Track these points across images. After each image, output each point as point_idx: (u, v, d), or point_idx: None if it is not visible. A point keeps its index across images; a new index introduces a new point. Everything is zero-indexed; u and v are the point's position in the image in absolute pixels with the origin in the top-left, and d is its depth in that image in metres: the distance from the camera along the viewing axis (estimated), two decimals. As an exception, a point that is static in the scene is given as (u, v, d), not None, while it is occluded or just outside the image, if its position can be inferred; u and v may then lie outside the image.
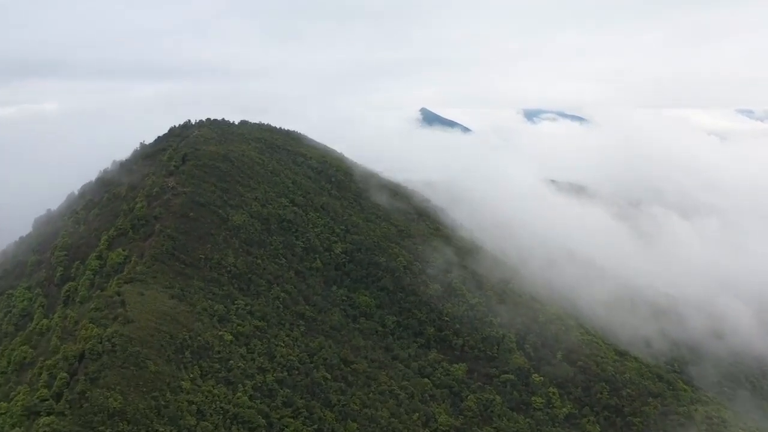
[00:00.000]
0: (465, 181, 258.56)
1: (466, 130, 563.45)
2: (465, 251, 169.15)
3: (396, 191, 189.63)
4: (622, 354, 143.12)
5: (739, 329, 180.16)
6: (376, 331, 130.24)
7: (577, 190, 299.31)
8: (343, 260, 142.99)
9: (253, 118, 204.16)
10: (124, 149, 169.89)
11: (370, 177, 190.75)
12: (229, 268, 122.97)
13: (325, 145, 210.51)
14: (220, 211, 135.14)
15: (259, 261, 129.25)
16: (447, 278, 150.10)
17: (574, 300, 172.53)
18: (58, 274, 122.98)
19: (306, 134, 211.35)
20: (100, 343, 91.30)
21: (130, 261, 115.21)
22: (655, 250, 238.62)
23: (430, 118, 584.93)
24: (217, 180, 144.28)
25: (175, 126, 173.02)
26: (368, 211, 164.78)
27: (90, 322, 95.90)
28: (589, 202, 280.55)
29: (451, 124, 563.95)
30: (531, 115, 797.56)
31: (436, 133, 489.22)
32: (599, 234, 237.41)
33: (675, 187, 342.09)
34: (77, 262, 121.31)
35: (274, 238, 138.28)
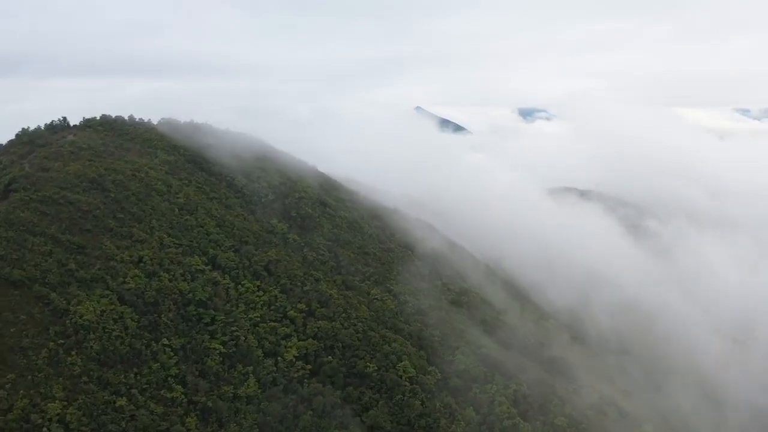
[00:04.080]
0: (464, 189, 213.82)
1: (461, 129, 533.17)
2: (501, 330, 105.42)
3: (393, 228, 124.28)
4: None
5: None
6: None
7: (582, 196, 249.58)
8: (301, 374, 77.94)
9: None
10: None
11: (356, 207, 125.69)
12: (44, 429, 57.60)
13: (294, 157, 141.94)
14: (55, 294, 69.17)
15: (123, 402, 63.80)
16: (486, 395, 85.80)
17: (650, 391, 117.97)
18: None
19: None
20: None
21: None
22: (686, 273, 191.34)
23: (426, 117, 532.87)
24: (64, 229, 77.77)
25: (27, 127, 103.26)
26: (348, 270, 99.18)
27: None
28: (600, 215, 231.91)
29: (446, 123, 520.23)
30: (526, 114, 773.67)
31: (432, 133, 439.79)
32: (626, 259, 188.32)
33: (677, 191, 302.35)
34: None
35: (166, 342, 72.63)
